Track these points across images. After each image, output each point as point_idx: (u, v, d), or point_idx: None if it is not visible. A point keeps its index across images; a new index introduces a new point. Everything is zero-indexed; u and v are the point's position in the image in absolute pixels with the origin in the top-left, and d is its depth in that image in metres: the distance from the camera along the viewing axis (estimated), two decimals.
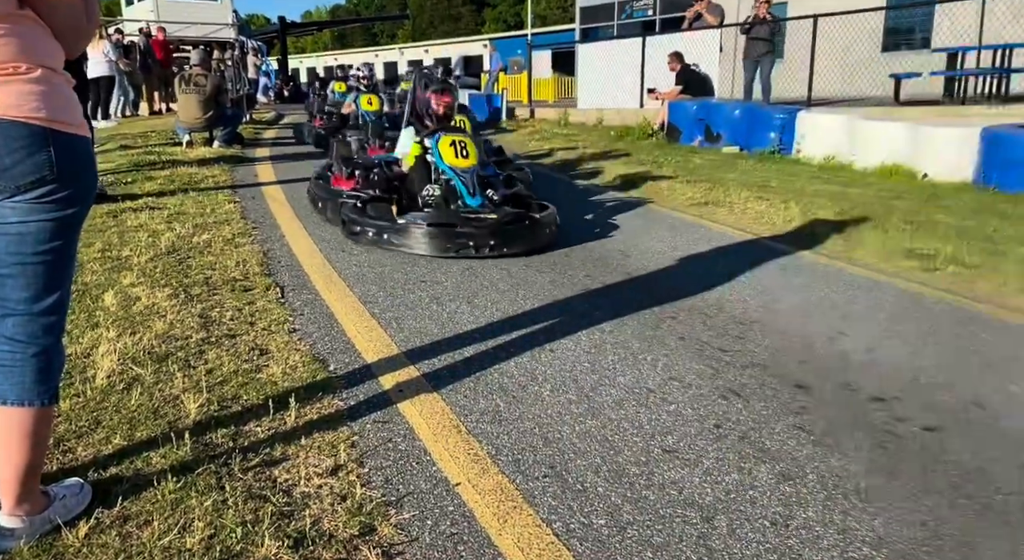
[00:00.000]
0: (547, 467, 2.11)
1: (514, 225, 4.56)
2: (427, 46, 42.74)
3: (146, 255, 4.25)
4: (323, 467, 2.05)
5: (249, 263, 4.19)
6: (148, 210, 5.57)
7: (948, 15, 10.88)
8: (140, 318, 3.22)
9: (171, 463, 2.04)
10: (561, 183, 7.70)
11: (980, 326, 3.33)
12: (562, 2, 49.89)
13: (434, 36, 53.14)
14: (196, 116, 9.34)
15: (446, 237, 4.41)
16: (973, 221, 5.30)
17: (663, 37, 13.29)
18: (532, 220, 4.64)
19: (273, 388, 2.56)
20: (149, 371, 2.64)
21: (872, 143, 7.72)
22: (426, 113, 5.12)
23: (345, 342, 3.07)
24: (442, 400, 2.53)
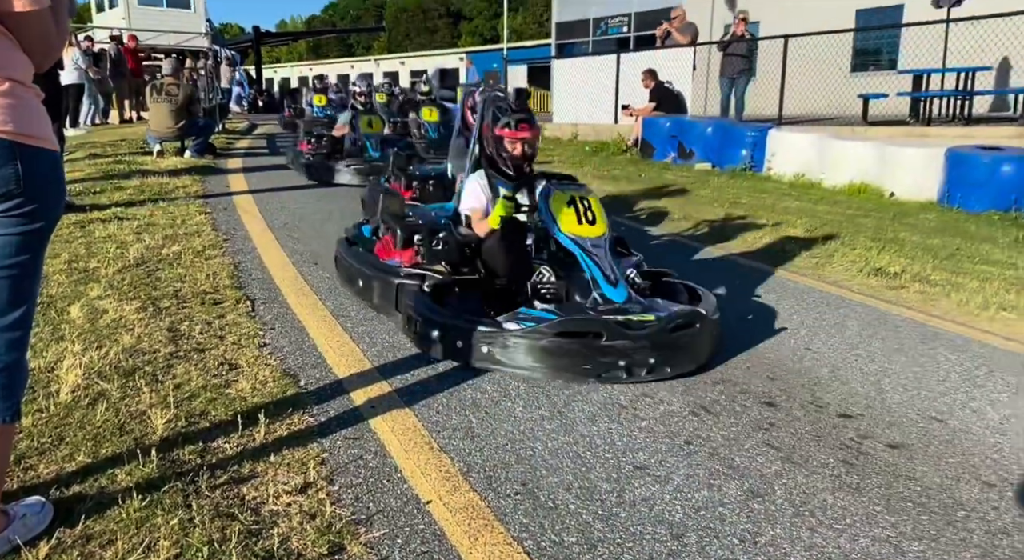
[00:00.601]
0: (519, 484, 2.10)
1: (685, 332, 2.96)
2: (403, 58, 42.78)
3: (114, 267, 4.19)
4: (292, 485, 2.03)
5: (219, 275, 4.14)
6: (117, 221, 5.49)
7: (913, 38, 11.15)
8: (107, 331, 3.17)
9: (136, 480, 2.00)
10: None
11: (943, 344, 3.40)
12: (538, 17, 50.30)
13: (410, 48, 53.26)
14: (167, 125, 9.24)
15: (587, 355, 2.82)
16: (938, 239, 5.42)
17: (637, 54, 13.45)
18: (704, 322, 3.04)
19: (242, 404, 2.53)
20: (115, 386, 2.60)
21: (841, 162, 7.87)
22: (497, 155, 3.55)
23: (316, 357, 3.04)
24: (414, 416, 2.52)
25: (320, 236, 5.42)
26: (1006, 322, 3.70)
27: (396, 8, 66.43)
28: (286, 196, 7.18)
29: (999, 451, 2.37)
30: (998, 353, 3.29)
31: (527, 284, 3.22)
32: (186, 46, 20.32)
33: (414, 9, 64.26)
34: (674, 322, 2.94)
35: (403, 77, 36.13)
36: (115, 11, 20.94)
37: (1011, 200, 6.21)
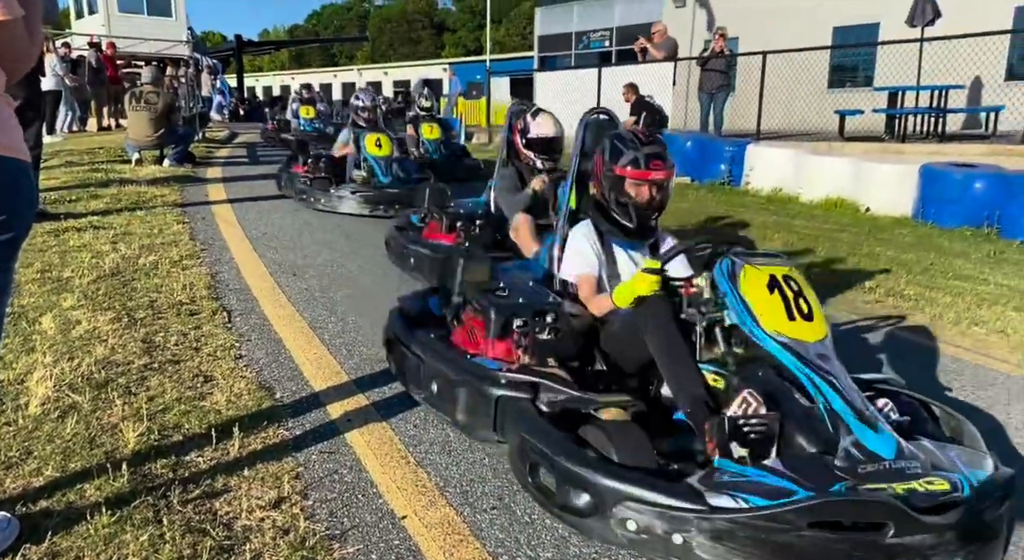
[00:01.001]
0: (495, 499, 2.10)
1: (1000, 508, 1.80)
2: (386, 68, 42.84)
3: (88, 277, 4.13)
4: (266, 499, 2.01)
5: (196, 286, 4.10)
6: (92, 229, 5.43)
7: (889, 56, 11.35)
8: (80, 343, 3.12)
9: (106, 495, 1.97)
10: None
11: (916, 357, 3.45)
12: (521, 30, 50.61)
13: (393, 59, 53.29)
14: (146, 134, 9.16)
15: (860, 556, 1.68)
16: (912, 254, 5.51)
17: (619, 68, 13.55)
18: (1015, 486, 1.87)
19: (217, 417, 2.50)
20: (87, 398, 2.56)
21: (817, 177, 7.98)
22: (616, 201, 2.69)
23: (293, 369, 3.02)
24: (391, 430, 2.51)
25: (298, 247, 5.40)
26: (976, 337, 3.76)
27: (379, 18, 66.47)
28: (265, 206, 7.14)
29: None
30: (968, 368, 3.34)
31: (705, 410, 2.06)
32: (167, 54, 20.19)
33: (397, 19, 64.34)
34: (986, 494, 1.78)
35: (386, 87, 36.19)
36: (94, 18, 20.77)
37: (983, 216, 6.32)
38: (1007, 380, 3.19)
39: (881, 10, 12.81)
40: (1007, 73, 11.43)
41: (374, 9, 71.76)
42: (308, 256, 5.11)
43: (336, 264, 4.90)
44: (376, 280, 4.54)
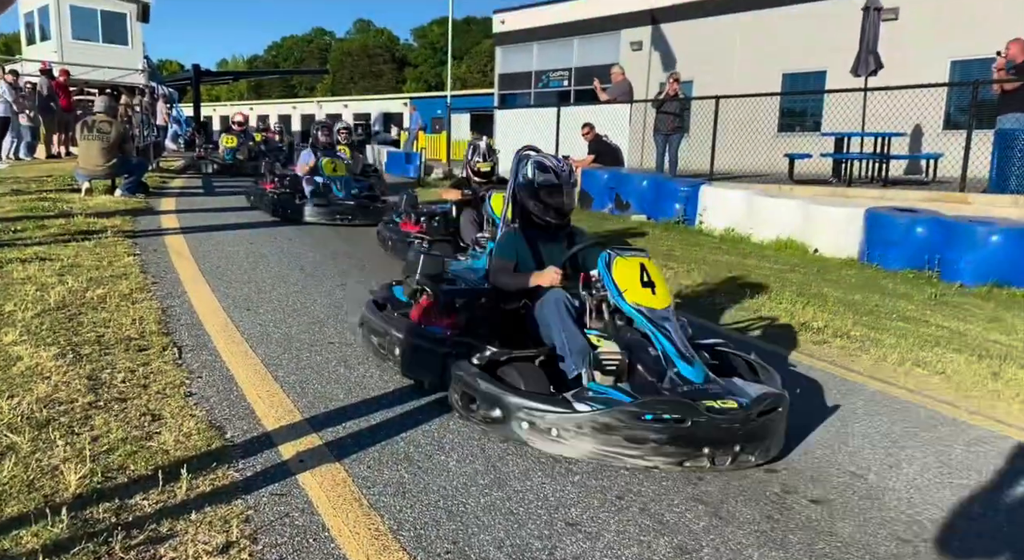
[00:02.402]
0: (450, 543, 2.08)
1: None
2: (346, 101, 42.93)
3: (32, 310, 4.01)
4: (213, 544, 1.95)
5: (146, 321, 4.01)
6: (38, 261, 5.27)
7: (835, 103, 11.82)
8: (20, 380, 3.02)
9: (44, 542, 1.89)
10: None
11: (862, 399, 3.54)
12: (482, 67, 51.30)
13: (354, 92, 53.42)
14: (97, 163, 8.99)
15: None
16: (858, 295, 5.68)
17: (577, 108, 13.84)
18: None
19: (164, 457, 2.43)
20: (26, 439, 2.47)
21: (768, 218, 8.20)
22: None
23: (245, 407, 2.96)
24: (344, 471, 2.47)
25: (253, 280, 5.32)
26: (919, 378, 3.88)
27: (340, 51, 66.74)
28: (220, 237, 7.04)
29: (913, 506, 2.46)
30: (912, 408, 3.44)
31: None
32: (121, 82, 19.90)
33: (358, 53, 64.67)
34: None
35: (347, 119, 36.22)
36: (47, 44, 20.41)
37: (924, 259, 6.56)
38: (954, 423, 3.30)
39: (827, 59, 13.38)
40: (945, 122, 12.00)
41: (335, 42, 72.07)
42: (263, 290, 5.05)
43: (291, 298, 4.85)
44: (331, 313, 4.50)
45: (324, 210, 8.21)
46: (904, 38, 12.60)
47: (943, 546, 2.21)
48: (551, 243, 3.58)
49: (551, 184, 3.48)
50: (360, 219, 8.08)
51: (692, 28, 16.81)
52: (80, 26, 20.40)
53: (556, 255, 3.51)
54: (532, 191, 3.51)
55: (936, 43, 12.67)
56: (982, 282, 6.11)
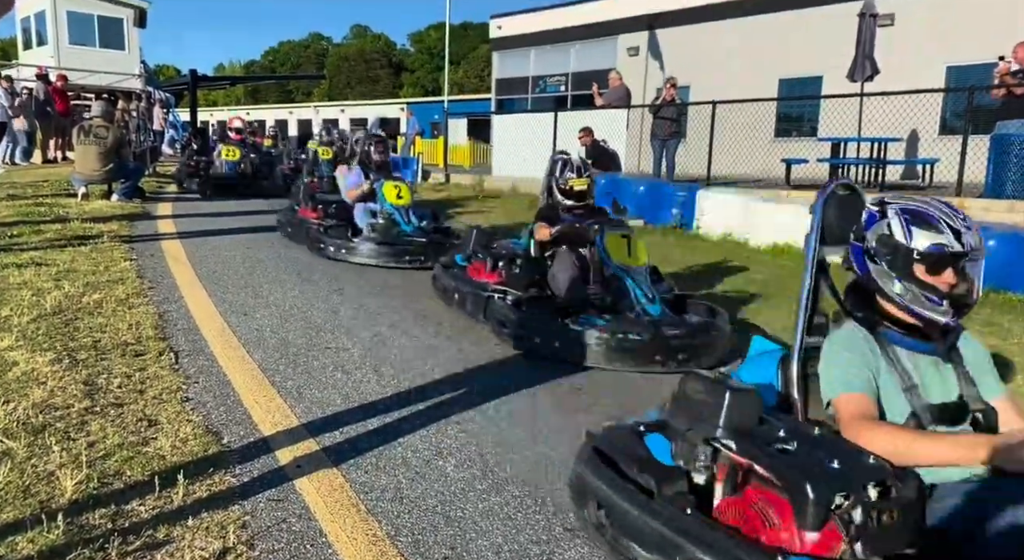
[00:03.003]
0: (448, 548, 2.07)
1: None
2: (343, 105, 42.95)
3: (28, 315, 3.99)
4: (210, 550, 1.94)
5: (143, 326, 4.00)
6: (34, 266, 5.26)
7: (832, 108, 11.86)
8: (16, 385, 3.00)
9: (40, 548, 1.89)
10: None
11: None
12: (479, 72, 51.40)
13: (351, 97, 53.45)
14: (94, 168, 8.98)
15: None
16: None
17: (574, 113, 13.86)
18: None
19: (160, 463, 2.42)
20: (22, 444, 2.46)
21: (765, 223, 8.21)
22: None
23: (242, 413, 2.95)
24: (342, 476, 2.46)
25: (250, 285, 5.32)
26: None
27: (337, 57, 66.80)
28: (216, 242, 7.03)
29: None
30: None
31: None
32: (118, 87, 19.92)
33: (355, 58, 64.74)
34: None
35: (343, 124, 36.24)
36: (44, 49, 20.43)
37: None
38: None
39: (824, 65, 13.42)
40: (941, 127, 12.03)
41: (332, 47, 72.17)
42: (260, 295, 5.04)
43: (288, 303, 4.84)
44: (328, 319, 4.49)
45: (389, 250, 6.30)
46: (900, 43, 12.64)
47: None
48: None
49: None
50: (434, 260, 5.81)
51: (689, 33, 16.86)
52: (77, 31, 20.44)
53: None
54: None
55: (932, 48, 12.71)
56: None
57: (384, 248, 6.30)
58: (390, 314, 4.73)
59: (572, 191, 4.74)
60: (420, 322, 4.58)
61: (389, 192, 6.65)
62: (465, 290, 4.79)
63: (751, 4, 15.61)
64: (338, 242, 6.40)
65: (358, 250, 6.30)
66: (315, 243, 6.37)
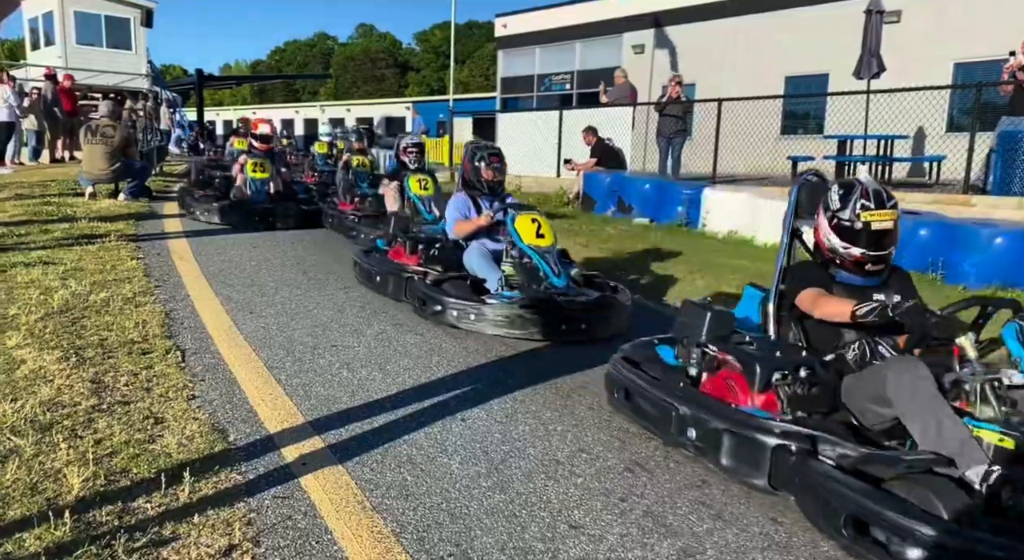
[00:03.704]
0: (452, 545, 2.07)
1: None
2: (349, 105, 42.99)
3: (36, 314, 4.01)
4: (216, 547, 1.95)
5: (149, 324, 4.01)
6: (42, 265, 5.28)
7: (838, 106, 11.82)
8: (24, 383, 3.02)
9: (47, 545, 1.89)
10: None
11: None
12: (484, 71, 51.40)
13: (356, 96, 53.51)
14: (101, 167, 9.01)
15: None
16: None
17: (579, 111, 13.85)
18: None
19: (167, 460, 2.43)
20: (29, 442, 2.47)
21: (771, 220, 8.15)
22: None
23: (248, 410, 2.96)
24: (347, 473, 2.47)
25: (256, 283, 5.33)
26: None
27: (343, 56, 66.93)
28: (222, 241, 7.05)
29: None
30: None
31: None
32: (125, 86, 19.99)
33: (361, 58, 64.85)
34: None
35: (349, 124, 36.30)
36: (51, 49, 20.52)
37: (928, 262, 6.53)
38: None
39: (830, 62, 13.37)
40: (948, 125, 11.98)
41: (338, 47, 72.26)
42: (266, 293, 5.05)
43: (294, 301, 4.85)
44: (334, 317, 4.50)
45: (539, 319, 4.19)
46: (907, 41, 12.58)
47: None
48: None
49: None
50: (603, 333, 4.27)
51: (694, 31, 16.82)
52: (84, 31, 20.53)
53: None
54: None
55: (939, 45, 12.65)
56: (986, 284, 6.08)
57: (531, 314, 4.19)
58: (395, 312, 4.73)
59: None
60: (424, 321, 4.58)
61: (525, 228, 4.57)
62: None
63: (757, 1, 15.56)
64: (463, 304, 4.35)
65: (490, 317, 4.24)
66: (425, 302, 4.53)
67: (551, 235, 4.61)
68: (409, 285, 4.81)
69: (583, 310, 4.24)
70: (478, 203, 5.07)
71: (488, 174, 5.06)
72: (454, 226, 4.99)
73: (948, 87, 11.19)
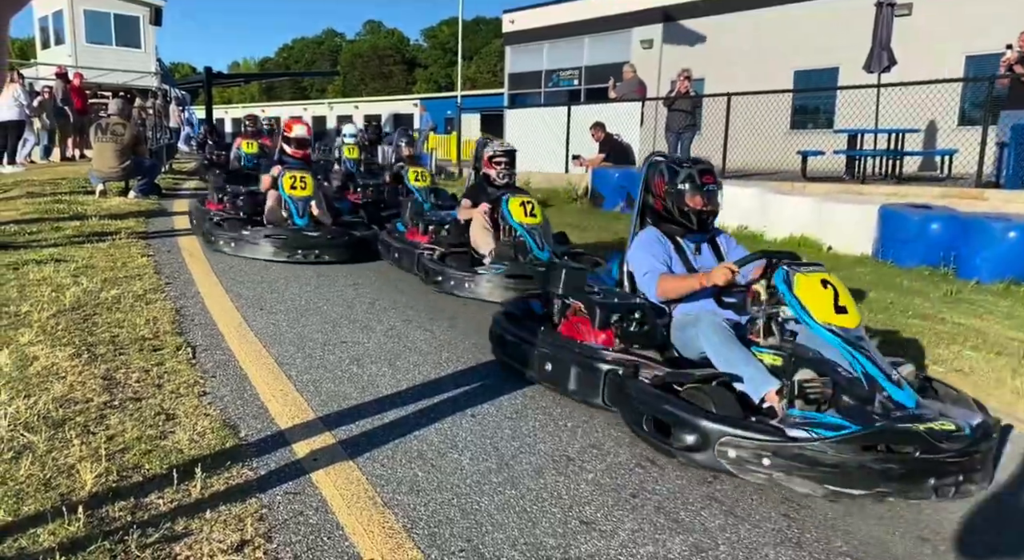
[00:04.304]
0: (464, 541, 2.07)
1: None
2: (357, 102, 43.02)
3: (48, 311, 4.04)
4: (228, 543, 1.96)
5: (160, 321, 4.03)
6: (53, 262, 5.32)
7: (848, 100, 11.74)
8: (37, 380, 3.04)
9: (61, 540, 1.90)
10: None
11: None
12: (492, 67, 51.32)
13: (364, 93, 53.53)
14: (111, 165, 9.06)
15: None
16: (873, 293, 5.62)
17: (587, 107, 13.80)
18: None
19: (178, 456, 2.44)
20: (43, 438, 2.48)
21: (781, 216, 8.14)
22: None
23: (258, 407, 2.97)
24: (358, 469, 2.47)
25: (265, 280, 5.35)
26: (936, 376, 3.83)
27: (351, 53, 66.92)
28: None
29: (930, 504, 2.43)
30: None
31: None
32: (135, 85, 20.07)
33: (368, 55, 64.84)
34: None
35: (357, 121, 36.33)
36: (61, 48, 20.63)
37: (939, 256, 6.49)
38: None
39: (840, 56, 13.28)
40: (960, 118, 11.88)
41: (345, 44, 72.30)
42: (276, 289, 5.06)
43: (304, 298, 4.86)
44: (343, 313, 4.51)
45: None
46: (918, 33, 12.48)
47: (961, 544, 2.19)
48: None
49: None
50: None
51: (703, 26, 16.74)
52: (94, 30, 20.62)
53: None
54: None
55: (950, 38, 12.54)
56: (999, 279, 6.03)
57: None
58: (404, 309, 4.74)
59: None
60: (434, 316, 4.59)
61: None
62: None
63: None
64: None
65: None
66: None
67: (855, 309, 2.87)
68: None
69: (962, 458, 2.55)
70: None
71: None
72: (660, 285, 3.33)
73: (959, 80, 11.08)
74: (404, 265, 5.89)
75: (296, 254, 6.06)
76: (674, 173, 3.44)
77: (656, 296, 3.32)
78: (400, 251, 6.02)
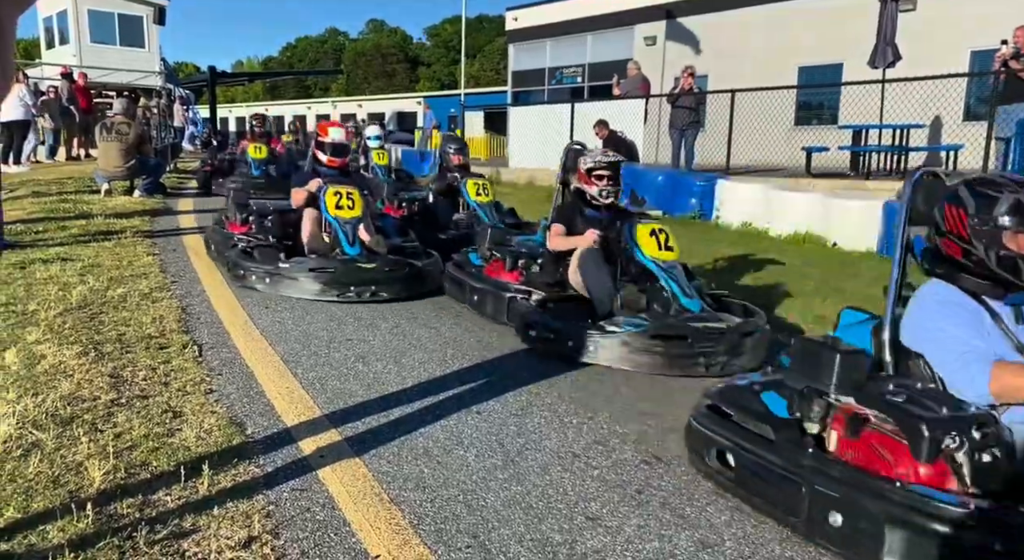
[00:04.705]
0: (470, 537, 2.08)
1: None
2: (361, 100, 43.05)
3: (55, 310, 4.05)
4: (236, 539, 1.97)
5: (166, 319, 4.04)
6: (60, 261, 5.34)
7: (852, 95, 11.71)
8: (44, 378, 3.05)
9: (70, 537, 1.91)
10: None
11: None
12: (495, 65, 51.28)
13: (368, 92, 53.56)
14: (116, 164, 9.09)
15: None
16: (877, 289, 5.60)
17: (591, 104, 13.79)
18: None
19: (186, 453, 2.45)
20: (51, 436, 2.50)
21: (785, 212, 8.14)
22: None
23: (265, 404, 2.98)
24: (364, 466, 2.48)
25: None
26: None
27: (354, 52, 66.96)
28: None
29: None
30: None
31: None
32: (139, 84, 20.12)
33: (372, 53, 64.87)
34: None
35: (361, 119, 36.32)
36: (66, 48, 20.68)
37: None
38: None
39: (844, 52, 13.24)
40: (965, 113, 11.82)
41: (348, 42, 72.33)
42: None
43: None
44: (348, 311, 4.51)
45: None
46: (923, 29, 12.42)
47: None
48: None
49: None
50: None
51: (706, 22, 16.70)
52: (98, 30, 20.67)
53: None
54: None
55: (955, 33, 12.49)
56: None
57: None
58: (410, 306, 4.74)
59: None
60: (439, 314, 4.59)
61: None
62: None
63: None
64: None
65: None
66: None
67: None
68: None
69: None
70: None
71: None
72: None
73: (964, 75, 11.05)
74: (487, 311, 4.47)
75: (348, 291, 4.75)
76: (988, 200, 2.20)
77: (989, 393, 2.10)
78: (481, 293, 4.55)
